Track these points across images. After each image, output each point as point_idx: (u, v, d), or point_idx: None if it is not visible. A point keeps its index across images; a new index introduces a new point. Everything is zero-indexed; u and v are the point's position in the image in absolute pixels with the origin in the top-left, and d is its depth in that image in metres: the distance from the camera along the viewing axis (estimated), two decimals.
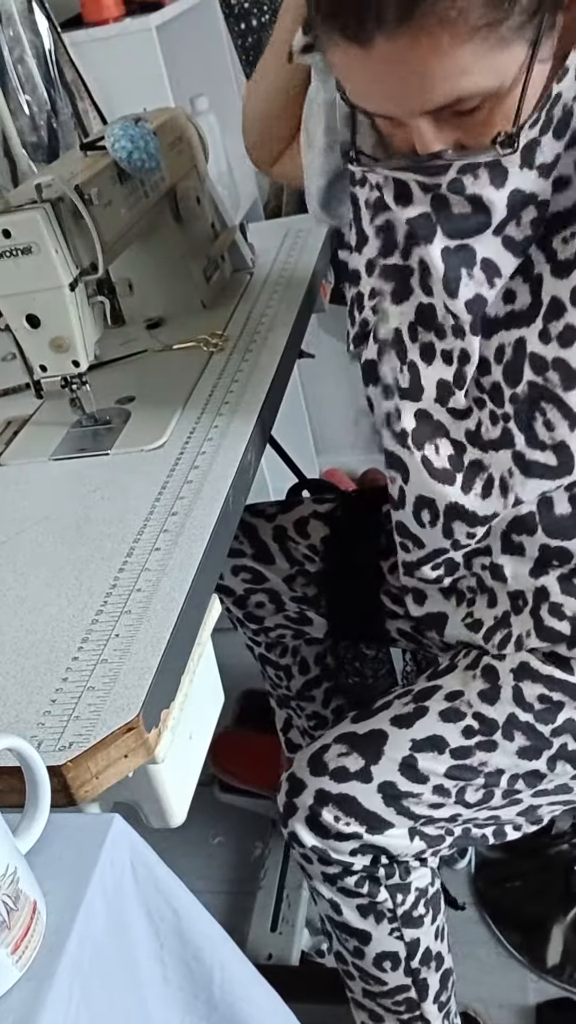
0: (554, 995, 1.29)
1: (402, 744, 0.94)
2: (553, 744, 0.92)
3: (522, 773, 0.94)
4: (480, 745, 0.93)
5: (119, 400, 1.12)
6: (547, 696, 0.91)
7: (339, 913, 0.99)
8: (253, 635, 1.30)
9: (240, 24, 2.01)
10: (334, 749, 0.96)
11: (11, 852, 0.55)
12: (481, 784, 0.94)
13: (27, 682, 0.72)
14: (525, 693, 0.92)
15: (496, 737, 0.92)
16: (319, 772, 0.95)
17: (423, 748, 0.93)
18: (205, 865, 1.56)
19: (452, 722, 0.93)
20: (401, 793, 0.93)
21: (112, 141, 1.06)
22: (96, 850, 0.60)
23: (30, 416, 1.16)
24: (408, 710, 0.96)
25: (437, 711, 0.94)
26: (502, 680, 0.93)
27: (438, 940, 1.04)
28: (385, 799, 0.93)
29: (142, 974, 0.64)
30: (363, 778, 0.94)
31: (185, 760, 0.75)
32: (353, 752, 0.95)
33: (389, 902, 0.97)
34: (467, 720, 0.93)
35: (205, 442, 0.99)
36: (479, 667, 0.95)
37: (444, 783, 0.93)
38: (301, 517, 1.21)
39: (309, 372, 2.22)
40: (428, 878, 1.00)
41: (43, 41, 1.60)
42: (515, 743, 0.92)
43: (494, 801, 0.95)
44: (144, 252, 1.26)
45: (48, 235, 0.94)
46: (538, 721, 0.92)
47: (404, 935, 0.99)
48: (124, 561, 0.83)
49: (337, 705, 1.38)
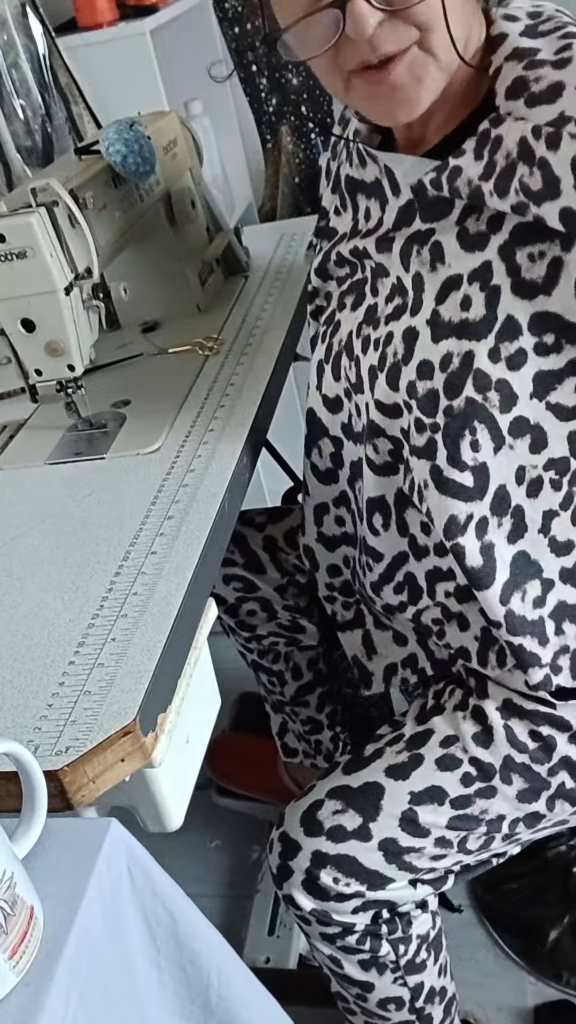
0: (552, 997, 1.28)
1: (400, 798, 0.90)
2: (551, 784, 0.90)
3: (523, 816, 0.91)
4: (480, 792, 0.89)
5: (114, 404, 1.12)
6: (537, 732, 0.88)
7: (340, 967, 0.96)
8: (245, 642, 1.30)
9: (234, 28, 2.02)
10: (328, 806, 0.92)
11: (8, 857, 0.55)
12: (483, 832, 0.91)
13: (23, 686, 0.72)
14: (516, 732, 0.89)
15: (495, 782, 0.89)
16: (314, 832, 0.91)
17: (422, 800, 0.89)
18: (202, 869, 1.56)
19: (449, 770, 0.90)
20: (403, 849, 0.90)
21: (107, 145, 1.06)
22: (93, 855, 0.60)
23: (25, 420, 1.16)
24: (403, 759, 0.91)
25: (433, 759, 0.91)
26: (492, 720, 0.89)
27: (441, 977, 1.01)
28: (386, 856, 0.89)
29: (139, 978, 0.64)
30: (362, 836, 0.89)
31: (182, 764, 0.75)
32: (349, 809, 0.91)
33: (392, 955, 0.95)
34: (464, 767, 0.90)
35: (201, 446, 0.99)
36: (468, 708, 0.92)
37: (446, 835, 0.90)
38: (291, 528, 1.21)
39: (305, 375, 2.22)
40: (429, 923, 0.98)
41: (37, 45, 1.60)
42: (514, 786, 0.89)
43: (494, 845, 0.93)
44: (139, 256, 1.26)
45: (43, 239, 0.94)
46: (534, 761, 0.89)
47: (408, 982, 0.97)
48: (120, 565, 0.83)
49: (331, 710, 1.38)
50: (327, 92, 1.98)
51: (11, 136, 1.55)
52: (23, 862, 0.57)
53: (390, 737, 0.95)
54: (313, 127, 2.09)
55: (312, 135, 2.10)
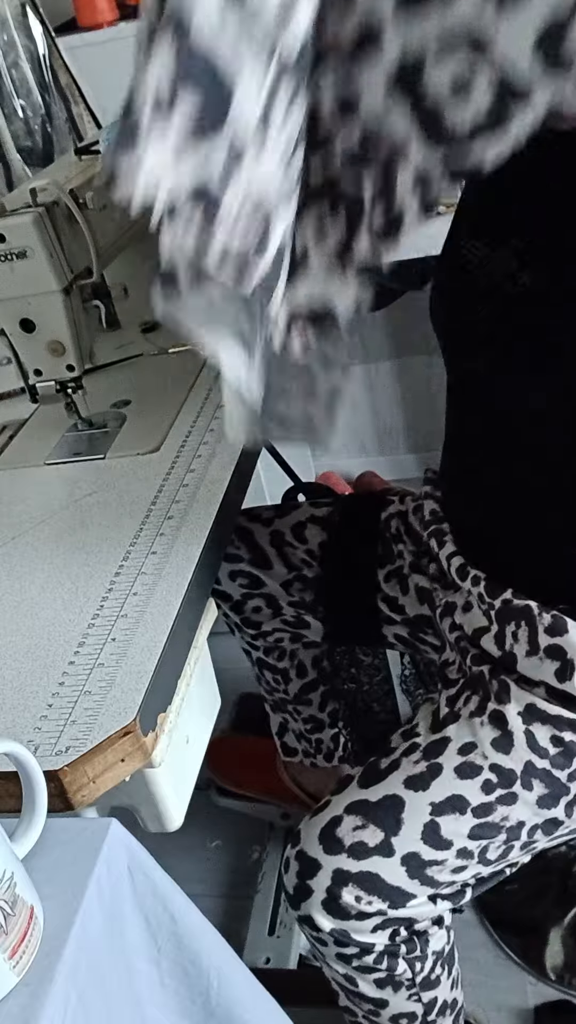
0: (552, 998, 1.28)
1: (422, 809, 0.87)
2: (570, 790, 0.88)
3: (541, 823, 0.90)
4: (501, 799, 0.88)
5: (114, 404, 1.13)
6: (559, 737, 0.87)
7: (354, 985, 0.94)
8: (251, 639, 1.30)
9: None
10: (348, 822, 0.88)
11: (8, 857, 0.55)
12: (503, 840, 0.90)
13: (23, 686, 0.72)
14: (538, 737, 0.87)
15: (516, 788, 0.87)
16: (334, 850, 0.88)
17: (444, 811, 0.87)
18: (202, 869, 1.56)
19: (470, 778, 0.88)
20: (425, 862, 0.87)
21: (107, 145, 1.06)
22: (93, 855, 0.60)
23: (25, 421, 1.16)
24: (421, 770, 0.89)
25: (452, 767, 0.88)
26: (512, 725, 0.88)
27: (454, 989, 1.01)
28: (409, 871, 0.87)
29: (139, 979, 0.64)
30: (385, 852, 0.87)
31: (182, 764, 0.75)
32: (370, 824, 0.88)
33: (408, 972, 0.93)
34: (485, 773, 0.88)
35: (201, 446, 0.99)
36: (486, 713, 0.89)
37: (467, 845, 0.88)
38: (298, 521, 1.21)
39: None
40: (444, 939, 0.96)
41: (37, 45, 1.60)
42: (534, 792, 0.88)
43: (512, 855, 0.92)
44: (139, 256, 1.26)
45: (43, 240, 0.94)
46: (554, 767, 0.87)
47: (422, 998, 0.96)
48: (120, 565, 0.83)
49: (333, 709, 1.38)
50: None
51: (11, 136, 1.55)
52: (23, 862, 0.57)
53: (405, 747, 0.93)
54: None
55: None
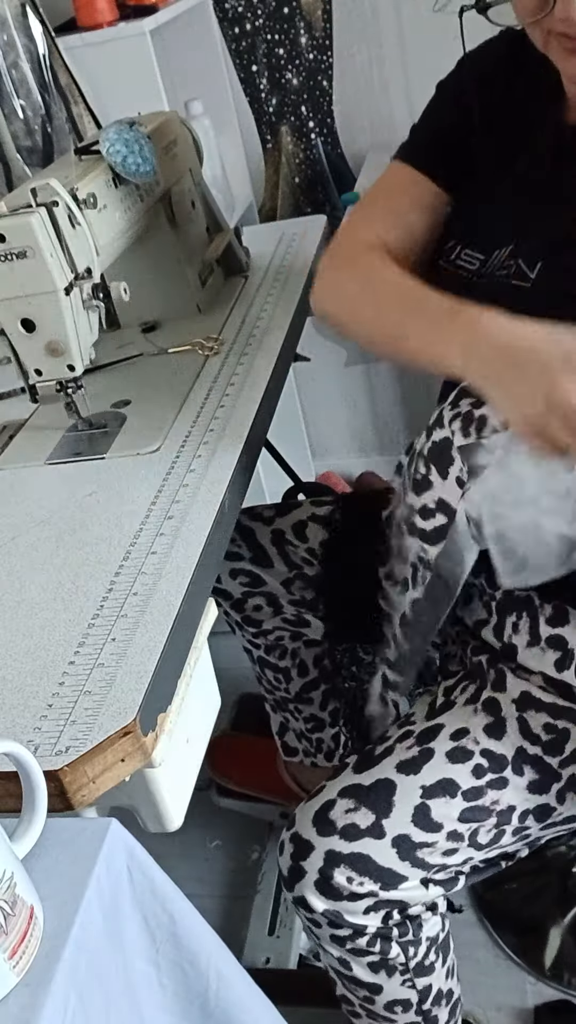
0: (552, 997, 1.28)
1: (412, 792, 0.90)
2: (562, 776, 0.90)
3: (532, 808, 0.91)
4: (491, 784, 0.90)
5: (114, 404, 1.12)
6: (552, 725, 0.89)
7: (349, 969, 0.96)
8: (252, 638, 1.30)
9: (234, 28, 2.02)
10: (340, 804, 0.91)
11: (8, 857, 0.55)
12: (493, 824, 0.91)
13: (23, 686, 0.72)
14: (531, 724, 0.89)
15: (506, 773, 0.90)
16: (327, 831, 0.90)
17: (434, 793, 0.90)
18: (202, 869, 1.56)
19: (461, 762, 0.90)
20: (416, 844, 0.90)
21: (107, 145, 1.06)
22: (93, 855, 0.60)
23: (25, 420, 1.16)
24: (413, 754, 0.92)
25: (444, 752, 0.91)
26: (505, 712, 0.90)
27: (449, 979, 1.02)
28: (400, 852, 0.89)
29: (138, 979, 0.64)
30: (375, 833, 0.89)
31: (182, 764, 0.75)
32: (362, 807, 0.90)
33: (401, 956, 0.95)
34: (475, 759, 0.90)
35: (201, 446, 0.99)
36: (479, 701, 0.92)
37: (457, 828, 0.90)
38: (299, 520, 1.21)
39: (305, 375, 2.23)
40: (438, 925, 0.98)
41: (37, 45, 1.60)
42: (525, 777, 0.90)
43: (504, 840, 0.93)
44: (139, 256, 1.26)
45: (43, 239, 0.94)
46: (546, 753, 0.89)
47: (416, 984, 0.97)
48: (120, 565, 0.83)
49: (334, 707, 1.38)
50: (327, 93, 1.99)
51: (11, 136, 1.55)
52: (23, 862, 0.57)
53: (399, 735, 0.95)
54: (313, 127, 2.09)
55: (312, 135, 2.10)
